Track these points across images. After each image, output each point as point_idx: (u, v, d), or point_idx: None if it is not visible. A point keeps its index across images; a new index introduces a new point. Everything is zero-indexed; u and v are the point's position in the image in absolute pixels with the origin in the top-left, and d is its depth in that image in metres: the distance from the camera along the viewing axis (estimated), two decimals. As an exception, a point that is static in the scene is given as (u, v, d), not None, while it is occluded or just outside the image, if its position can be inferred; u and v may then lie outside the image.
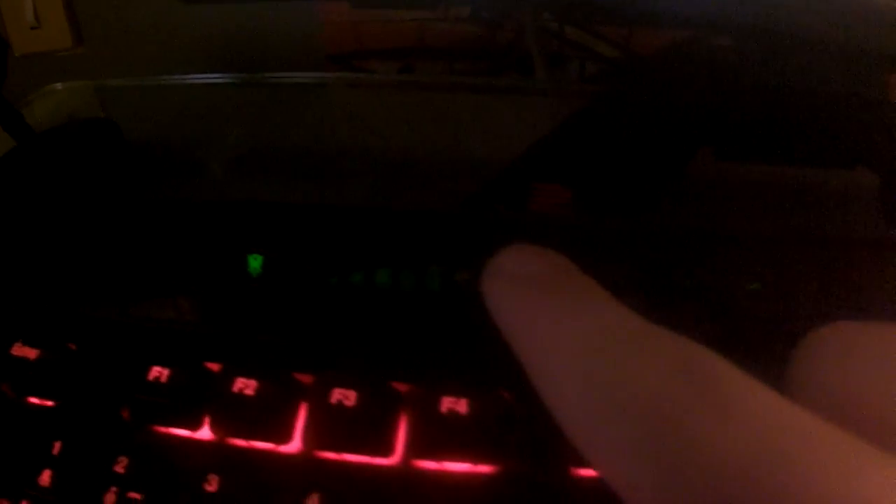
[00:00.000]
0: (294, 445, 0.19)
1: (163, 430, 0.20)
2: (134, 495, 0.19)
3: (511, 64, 0.41)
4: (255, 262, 0.21)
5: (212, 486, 0.19)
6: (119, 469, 0.19)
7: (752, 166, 0.31)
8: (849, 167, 0.31)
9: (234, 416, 0.19)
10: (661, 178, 0.30)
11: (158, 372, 0.20)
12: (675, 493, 0.08)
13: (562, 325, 0.11)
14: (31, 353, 0.22)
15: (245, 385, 0.19)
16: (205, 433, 0.20)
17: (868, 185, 0.30)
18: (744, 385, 0.09)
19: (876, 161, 0.31)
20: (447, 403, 0.18)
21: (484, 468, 0.19)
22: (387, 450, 0.19)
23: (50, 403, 0.22)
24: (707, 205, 0.31)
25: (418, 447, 0.19)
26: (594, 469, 0.10)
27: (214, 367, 0.20)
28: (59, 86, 0.37)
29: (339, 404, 0.19)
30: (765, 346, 0.22)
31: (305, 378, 0.20)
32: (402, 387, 0.19)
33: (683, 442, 0.08)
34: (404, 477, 0.19)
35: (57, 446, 0.21)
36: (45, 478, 0.20)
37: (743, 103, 0.31)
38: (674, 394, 0.09)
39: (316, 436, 0.19)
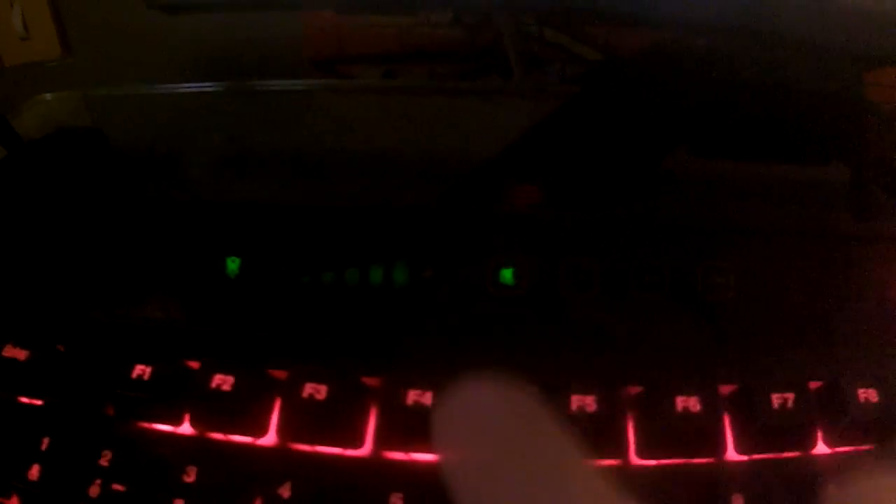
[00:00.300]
0: (269, 438, 0.20)
1: (145, 425, 0.21)
2: (117, 487, 0.20)
3: (491, 67, 0.42)
4: (232, 265, 0.22)
5: (190, 477, 0.19)
6: (104, 462, 0.20)
7: (727, 162, 0.32)
8: (823, 163, 0.32)
9: (213, 410, 0.20)
10: (636, 175, 0.31)
11: (141, 370, 0.21)
12: None
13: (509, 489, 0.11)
14: (22, 355, 0.23)
15: (222, 381, 0.20)
16: (185, 428, 0.21)
17: (842, 180, 0.31)
18: None
19: (849, 156, 0.32)
20: (413, 396, 0.19)
21: (450, 457, 0.20)
22: (357, 441, 0.20)
23: (39, 402, 0.23)
24: (683, 200, 0.32)
25: (387, 438, 0.20)
26: None
27: (194, 364, 0.21)
28: (48, 96, 0.38)
29: (311, 398, 0.20)
30: (736, 336, 0.23)
31: (279, 374, 0.21)
32: (370, 381, 0.20)
33: None
34: (374, 467, 0.20)
35: (45, 442, 0.21)
36: (34, 472, 0.21)
37: (718, 100, 0.32)
38: None
39: (290, 429, 0.20)
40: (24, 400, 0.23)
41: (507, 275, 0.21)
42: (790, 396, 0.21)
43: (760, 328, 0.24)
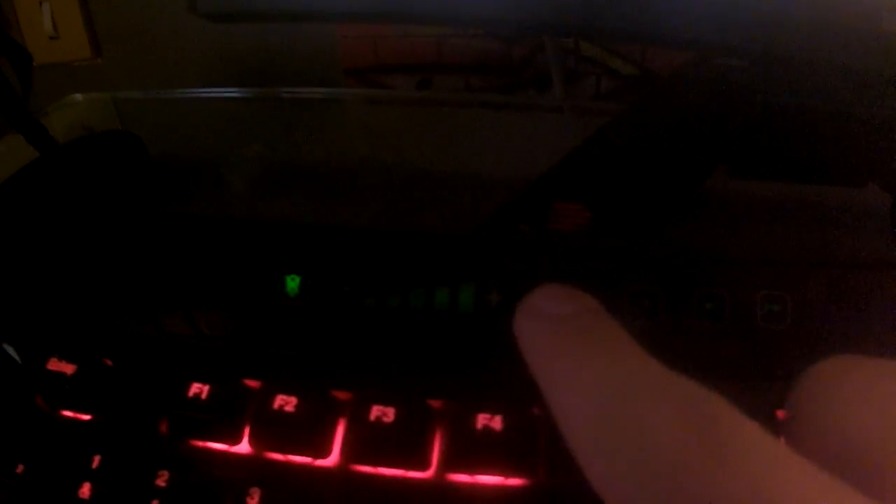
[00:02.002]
0: (332, 459, 0.20)
1: (202, 443, 0.21)
2: (177, 508, 0.20)
3: (527, 80, 0.42)
4: (292, 283, 0.22)
5: (254, 499, 0.19)
6: (161, 483, 0.20)
7: (766, 184, 0.32)
8: (860, 185, 0.32)
9: (275, 431, 0.20)
10: (677, 196, 0.31)
11: (199, 388, 0.21)
12: None
13: (585, 368, 0.12)
14: (68, 369, 0.23)
15: (285, 402, 0.20)
16: (243, 447, 0.21)
17: (879, 204, 0.31)
18: (742, 430, 0.10)
19: (887, 179, 0.32)
20: (481, 420, 0.19)
21: (514, 481, 0.19)
22: (423, 464, 0.20)
23: (87, 417, 0.22)
24: (722, 222, 0.32)
25: (452, 461, 0.20)
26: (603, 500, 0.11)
27: (253, 384, 0.21)
28: (78, 97, 0.37)
29: (378, 420, 0.19)
30: (781, 366, 0.23)
31: (343, 395, 0.20)
32: (436, 403, 0.20)
33: (682, 484, 0.09)
34: (438, 489, 0.19)
35: (96, 460, 0.21)
36: (85, 491, 0.21)
37: (758, 122, 0.32)
38: (676, 438, 0.10)
39: (354, 450, 0.20)
40: (70, 414, 0.23)
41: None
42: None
43: (810, 355, 0.24)
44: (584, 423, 0.11)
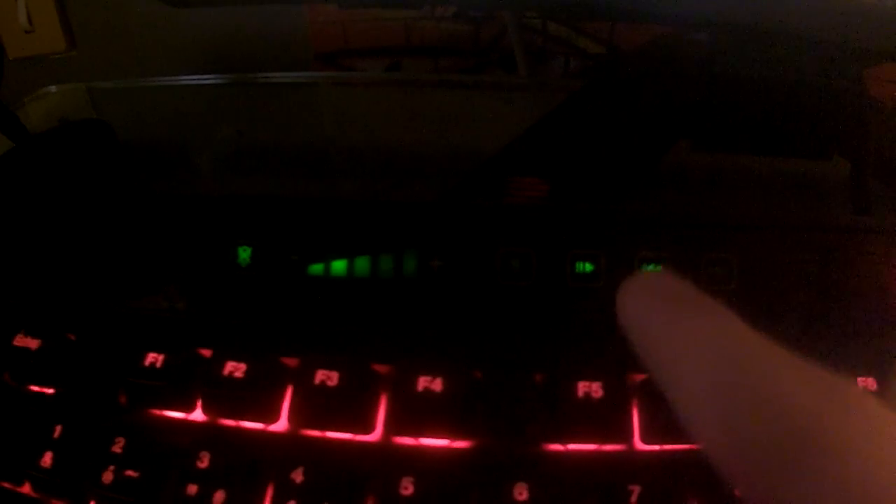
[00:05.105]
0: (281, 424, 0.21)
1: (158, 412, 0.21)
2: (131, 473, 0.20)
3: (495, 60, 0.42)
4: (244, 254, 0.22)
5: (203, 462, 0.20)
6: (117, 449, 0.21)
7: (729, 156, 0.33)
8: (825, 157, 0.32)
9: (225, 397, 0.21)
10: (638, 169, 0.31)
11: (154, 358, 0.22)
12: None
13: (703, 338, 0.12)
14: (33, 344, 0.24)
15: (235, 368, 0.21)
16: (197, 414, 0.21)
17: (843, 174, 0.31)
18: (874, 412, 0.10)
19: (849, 151, 0.32)
20: (423, 383, 0.20)
21: (458, 443, 0.20)
22: (368, 427, 0.20)
23: (50, 390, 0.23)
24: (684, 194, 0.32)
25: (397, 424, 0.20)
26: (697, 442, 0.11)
27: (206, 352, 0.22)
28: (52, 88, 0.38)
29: (323, 385, 0.20)
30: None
31: (291, 361, 0.21)
32: (381, 368, 0.21)
33: (811, 459, 0.09)
34: (384, 452, 0.20)
35: (58, 430, 0.22)
36: (47, 459, 0.21)
37: (720, 96, 0.32)
38: (808, 411, 0.10)
39: (301, 415, 0.20)
40: (36, 388, 0.23)
41: (515, 265, 0.21)
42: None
43: (760, 319, 0.24)
44: (703, 390, 0.11)
